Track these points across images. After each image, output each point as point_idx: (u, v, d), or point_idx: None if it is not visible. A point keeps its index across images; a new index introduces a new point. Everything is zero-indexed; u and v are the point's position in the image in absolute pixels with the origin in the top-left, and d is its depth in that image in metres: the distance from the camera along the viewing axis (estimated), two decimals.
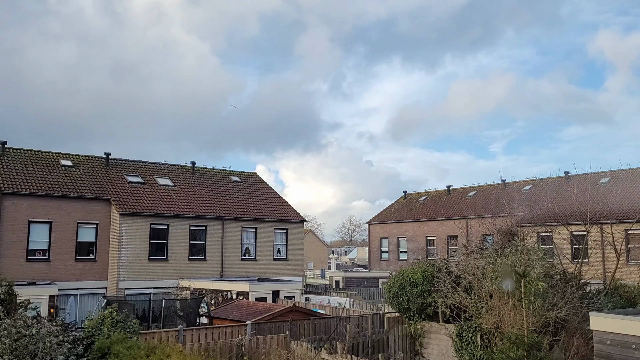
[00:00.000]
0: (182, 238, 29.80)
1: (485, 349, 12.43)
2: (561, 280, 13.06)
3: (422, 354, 14.85)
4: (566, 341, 11.29)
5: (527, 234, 15.17)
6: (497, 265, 12.11)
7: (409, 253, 43.46)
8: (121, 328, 13.30)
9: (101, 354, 11.91)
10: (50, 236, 27.05)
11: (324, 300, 26.14)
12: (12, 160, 29.24)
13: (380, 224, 48.60)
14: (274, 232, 33.63)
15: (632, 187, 32.65)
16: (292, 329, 15.13)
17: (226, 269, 31.10)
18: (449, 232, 40.73)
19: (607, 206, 22.14)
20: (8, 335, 10.41)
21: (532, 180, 37.73)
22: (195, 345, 12.39)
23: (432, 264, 15.31)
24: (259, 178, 39.08)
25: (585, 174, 28.23)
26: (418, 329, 14.97)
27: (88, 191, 28.76)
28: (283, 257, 33.80)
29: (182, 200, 31.35)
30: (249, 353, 12.70)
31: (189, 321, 19.74)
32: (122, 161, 33.79)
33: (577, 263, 15.87)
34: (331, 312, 20.38)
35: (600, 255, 23.29)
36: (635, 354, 8.90)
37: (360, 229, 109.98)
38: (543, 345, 10.03)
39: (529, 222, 20.01)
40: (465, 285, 13.02)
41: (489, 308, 12.10)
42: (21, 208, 26.42)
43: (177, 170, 35.26)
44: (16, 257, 25.86)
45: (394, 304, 15.72)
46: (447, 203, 44.84)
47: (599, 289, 15.09)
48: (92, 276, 27.85)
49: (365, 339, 14.54)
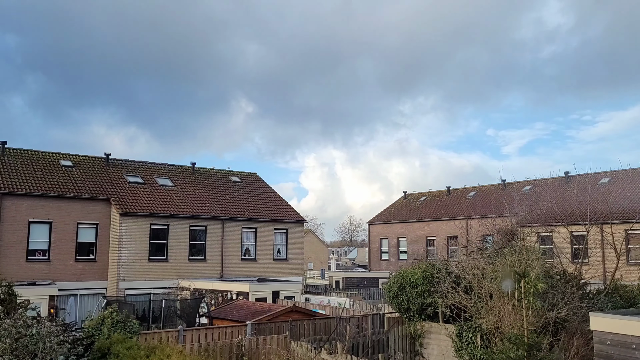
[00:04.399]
0: (182, 238, 29.81)
1: (485, 349, 12.43)
2: (561, 281, 13.05)
3: (422, 354, 14.85)
4: (566, 341, 11.29)
5: (527, 234, 15.16)
6: (497, 265, 12.11)
7: (409, 253, 43.45)
8: (121, 328, 13.29)
9: (101, 354, 11.91)
10: (50, 236, 27.07)
11: (324, 300, 26.12)
12: (12, 161, 29.25)
13: (380, 224, 48.60)
14: (274, 232, 33.63)
15: (632, 187, 32.66)
16: (292, 329, 15.12)
17: (226, 269, 31.11)
18: (449, 232, 40.74)
19: (607, 206, 22.12)
20: (8, 335, 10.40)
21: (532, 180, 37.71)
22: (195, 345, 12.38)
23: (432, 264, 15.30)
24: (259, 178, 39.09)
25: (585, 174, 28.20)
26: (418, 329, 14.96)
27: (88, 191, 28.77)
28: (283, 258, 33.81)
29: (182, 201, 31.36)
30: (249, 353, 12.70)
31: (189, 321, 19.75)
32: (122, 161, 33.83)
33: (577, 263, 15.88)
34: (331, 313, 20.35)
35: (600, 255, 23.28)
36: (635, 354, 8.90)
37: (360, 229, 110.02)
38: (543, 346, 10.04)
39: (529, 222, 20.00)
40: (465, 285, 13.02)
41: (489, 308, 12.11)
42: (21, 208, 26.43)
43: (177, 170, 35.29)
44: (16, 258, 25.88)
45: (394, 304, 15.72)
46: (447, 203, 44.85)
47: (599, 289, 15.10)
48: (92, 276, 27.87)
49: (365, 339, 14.52)
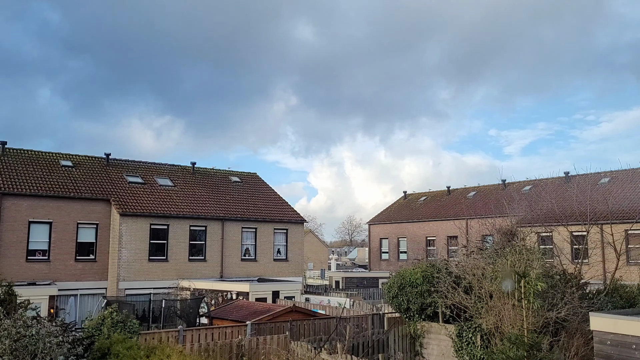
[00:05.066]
0: (182, 238, 29.81)
1: (485, 349, 12.43)
2: (561, 281, 13.05)
3: (422, 354, 14.84)
4: (566, 341, 11.29)
5: (527, 234, 15.16)
6: (497, 265, 12.11)
7: (409, 253, 43.45)
8: (121, 328, 13.29)
9: (101, 355, 11.91)
10: (50, 236, 27.07)
11: (324, 300, 26.10)
12: (12, 161, 29.25)
13: (380, 224, 48.59)
14: (274, 232, 33.63)
15: (632, 187, 32.65)
16: (292, 329, 15.12)
17: (226, 269, 31.11)
18: (449, 232, 40.74)
19: (607, 206, 22.11)
20: (8, 335, 10.40)
21: (532, 180, 37.72)
22: (195, 345, 12.37)
23: (432, 264, 15.29)
24: (259, 178, 39.08)
25: (585, 174, 28.23)
26: (418, 329, 14.95)
27: (88, 191, 28.77)
28: (283, 258, 33.81)
29: (182, 201, 31.36)
30: (249, 353, 12.70)
31: (189, 321, 19.75)
32: (122, 161, 33.83)
33: (577, 263, 15.88)
34: (331, 313, 20.34)
35: (600, 255, 23.28)
36: (635, 354, 8.90)
37: (360, 229, 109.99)
38: (543, 346, 10.04)
39: (529, 222, 20.00)
40: (465, 285, 13.02)
41: (489, 308, 12.11)
42: (21, 208, 26.43)
43: (177, 170, 35.29)
44: (16, 258, 25.88)
45: (394, 304, 15.72)
46: (447, 203, 44.84)
47: (599, 289, 15.09)
48: (92, 276, 27.87)
49: (365, 339, 14.52)
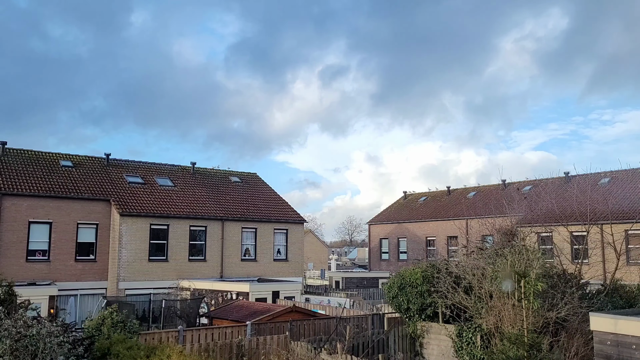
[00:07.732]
0: (182, 238, 29.81)
1: (485, 350, 12.43)
2: (561, 281, 13.06)
3: (422, 355, 14.84)
4: (566, 341, 11.29)
5: (527, 234, 15.17)
6: (497, 265, 12.11)
7: (409, 253, 43.47)
8: (121, 328, 13.30)
9: (101, 355, 11.93)
10: (50, 236, 27.07)
11: (324, 300, 26.11)
12: (12, 161, 29.24)
13: (380, 224, 48.59)
14: (274, 232, 33.63)
15: (632, 188, 32.67)
16: (292, 329, 15.12)
17: (226, 269, 31.11)
18: (449, 232, 40.74)
19: (607, 206, 22.12)
20: (8, 335, 10.42)
21: (532, 180, 37.73)
22: (195, 345, 12.38)
23: (432, 264, 15.29)
24: (258, 178, 39.08)
25: (585, 174, 28.22)
26: (418, 330, 14.95)
27: (88, 192, 28.77)
28: (283, 258, 33.81)
29: (182, 201, 31.36)
30: (249, 353, 12.71)
31: (189, 322, 19.75)
32: (122, 161, 33.83)
33: (577, 263, 15.88)
34: (331, 313, 20.34)
35: (600, 255, 23.27)
36: (635, 354, 8.90)
37: (360, 229, 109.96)
38: (543, 346, 10.06)
39: (529, 222, 20.01)
40: (465, 285, 13.02)
41: (489, 308, 12.11)
42: (21, 208, 26.43)
43: (177, 170, 35.29)
44: (16, 258, 25.88)
45: (394, 305, 15.71)
46: (447, 203, 44.85)
47: (599, 289, 15.10)
48: (92, 276, 27.86)
49: (365, 339, 14.52)
